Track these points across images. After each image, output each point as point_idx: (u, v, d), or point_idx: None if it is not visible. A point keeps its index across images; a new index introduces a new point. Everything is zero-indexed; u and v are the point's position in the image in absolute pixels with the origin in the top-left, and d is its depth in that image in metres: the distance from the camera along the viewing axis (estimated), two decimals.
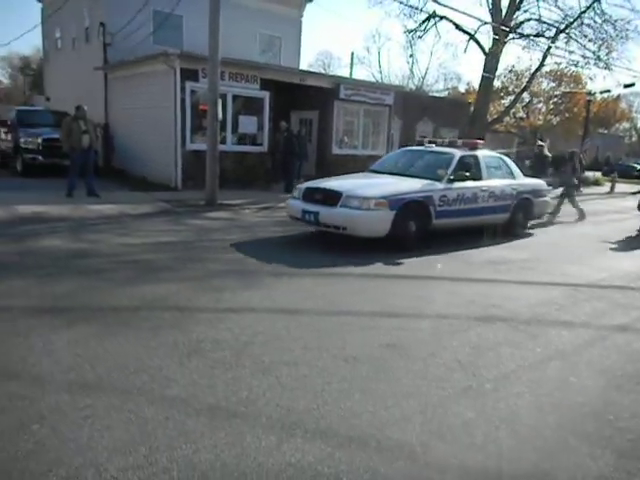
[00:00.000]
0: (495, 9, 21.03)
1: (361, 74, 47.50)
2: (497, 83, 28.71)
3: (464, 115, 24.15)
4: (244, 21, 17.61)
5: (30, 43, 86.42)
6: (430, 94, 38.59)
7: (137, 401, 2.89)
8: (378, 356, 3.72)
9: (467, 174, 8.10)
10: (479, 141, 9.39)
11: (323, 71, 44.26)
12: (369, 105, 16.75)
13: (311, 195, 7.51)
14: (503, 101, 32.36)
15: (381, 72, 46.13)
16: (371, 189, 7.31)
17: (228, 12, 10.54)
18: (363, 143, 17.19)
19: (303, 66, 22.61)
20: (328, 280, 5.71)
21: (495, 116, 28.28)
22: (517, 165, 10.26)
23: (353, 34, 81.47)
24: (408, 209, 7.17)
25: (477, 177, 8.46)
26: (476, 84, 27.79)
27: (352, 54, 37.63)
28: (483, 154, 8.88)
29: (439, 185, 7.74)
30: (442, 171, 7.90)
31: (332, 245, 7.35)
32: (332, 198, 7.09)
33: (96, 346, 3.56)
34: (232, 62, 12.89)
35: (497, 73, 24.26)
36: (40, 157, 13.22)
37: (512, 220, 9.10)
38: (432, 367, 3.59)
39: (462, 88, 45.38)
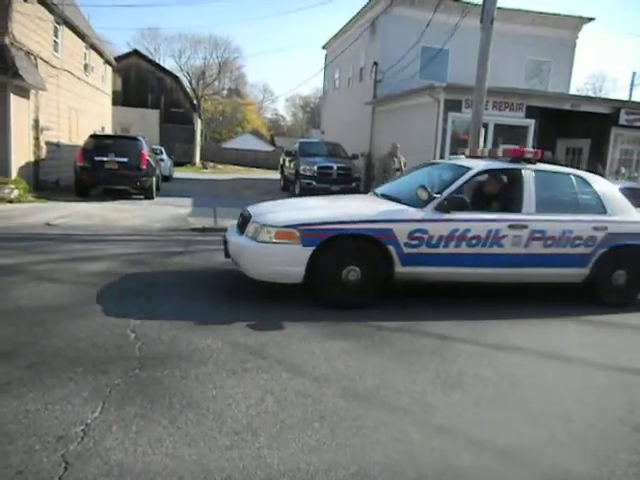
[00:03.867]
0: None
1: None
2: None
3: None
4: (511, 48, 17.12)
5: (309, 85, 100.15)
6: None
7: (403, 422, 2.95)
8: None
9: (465, 199, 5.20)
10: (527, 150, 5.95)
11: (593, 95, 39.91)
12: None
13: (240, 220, 5.70)
14: None
15: None
16: (287, 213, 5.29)
17: (495, 40, 10.34)
18: None
19: (572, 91, 20.74)
20: (603, 329, 5.01)
21: None
22: None
23: (635, 51, 71.57)
24: (340, 246, 4.91)
25: (512, 205, 5.48)
26: None
27: (633, 74, 33.03)
28: (536, 170, 5.57)
29: (414, 214, 5.12)
30: (424, 193, 5.12)
31: None
32: (245, 223, 5.32)
33: (365, 360, 3.80)
34: (497, 91, 12.62)
35: None
36: (314, 182, 15.07)
37: (596, 279, 5.56)
38: None
39: None
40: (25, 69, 11.84)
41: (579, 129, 15.38)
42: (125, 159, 12.72)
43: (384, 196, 5.99)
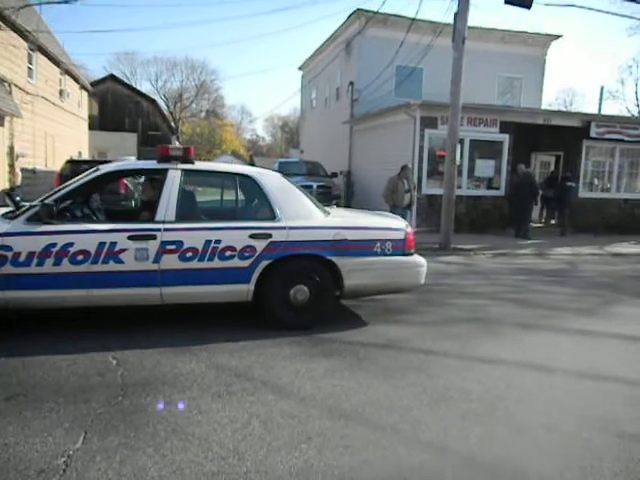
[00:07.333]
0: None
1: (612, 109, 42.52)
2: None
3: None
4: (483, 65, 17.57)
5: (288, 105, 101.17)
6: None
7: (391, 439, 2.94)
8: None
9: (52, 208, 4.30)
10: (173, 146, 4.93)
11: (564, 109, 41.04)
12: (627, 143, 14.82)
13: None
14: None
15: (639, 105, 40.62)
16: None
17: (468, 58, 10.63)
18: (617, 185, 15.22)
19: (543, 106, 21.31)
20: (585, 338, 5.08)
21: None
22: None
23: (602, 67, 74.00)
24: None
25: (146, 212, 4.95)
26: None
27: (602, 88, 34.07)
28: (186, 170, 4.78)
29: None
30: (11, 202, 4.62)
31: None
32: None
33: (350, 378, 3.79)
34: (472, 107, 12.89)
35: None
36: None
37: (266, 297, 4.75)
38: None
39: None
40: None
41: (552, 143, 15.78)
42: None
43: None
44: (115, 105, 33.71)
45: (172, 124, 42.33)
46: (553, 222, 15.08)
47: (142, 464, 2.59)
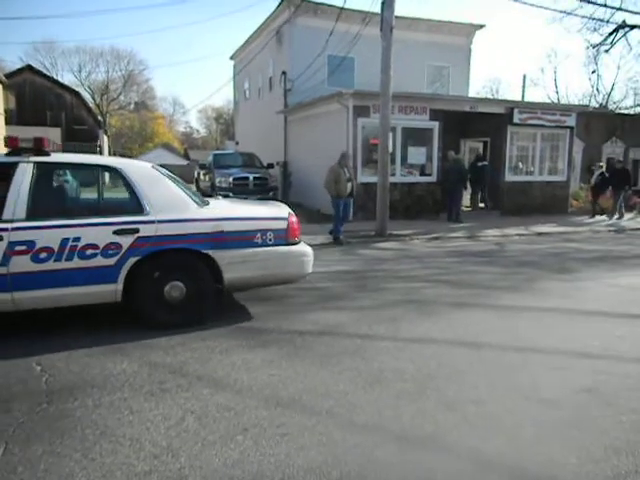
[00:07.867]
0: None
1: (535, 96, 44.78)
2: None
3: None
4: (413, 55, 17.91)
5: (222, 96, 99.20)
6: (618, 111, 34.63)
7: (327, 424, 2.99)
8: (577, 401, 3.33)
9: None
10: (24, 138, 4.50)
11: (490, 97, 42.74)
12: (547, 128, 15.65)
13: None
14: None
15: (557, 92, 42.93)
16: None
17: (397, 47, 10.84)
18: (540, 169, 16.06)
19: (471, 94, 22.12)
20: (511, 313, 5.35)
21: None
22: None
23: (524, 56, 77.56)
24: None
25: None
26: None
27: (524, 76, 35.83)
28: (39, 163, 4.36)
29: None
30: None
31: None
32: None
33: (287, 367, 3.80)
34: (402, 95, 13.14)
35: None
36: (231, 194, 14.88)
37: (138, 296, 4.49)
38: None
39: None
40: None
41: (479, 129, 16.42)
42: None
43: None
44: (34, 98, 31.79)
45: (99, 117, 40.49)
46: (482, 205, 15.71)
47: (69, 470, 2.48)
